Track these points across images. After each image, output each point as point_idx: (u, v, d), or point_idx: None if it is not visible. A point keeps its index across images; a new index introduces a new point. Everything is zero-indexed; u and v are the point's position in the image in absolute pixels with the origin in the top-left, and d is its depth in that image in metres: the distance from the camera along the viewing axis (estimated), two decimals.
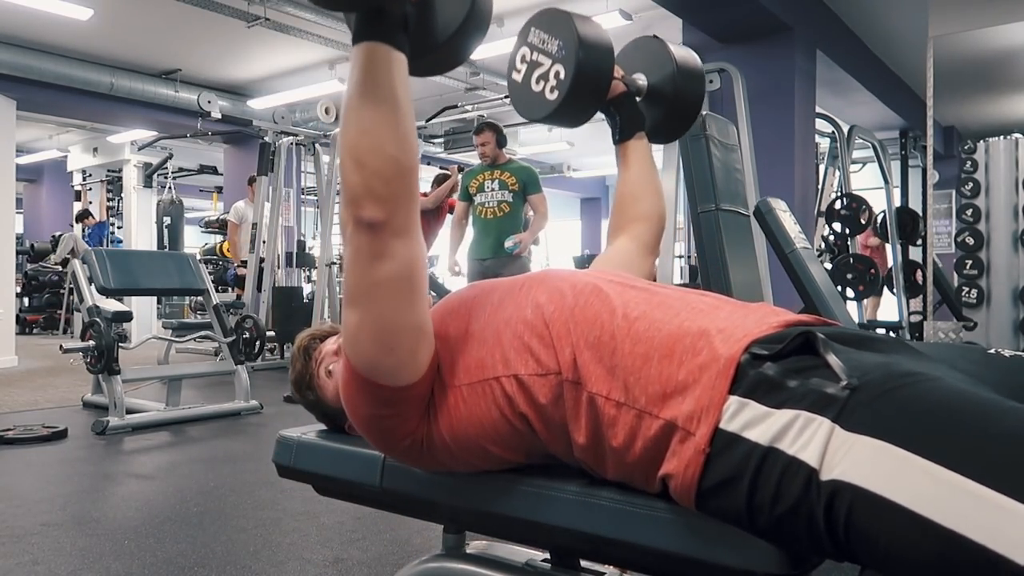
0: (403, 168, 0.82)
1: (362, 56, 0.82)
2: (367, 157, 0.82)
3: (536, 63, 1.25)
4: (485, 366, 0.88)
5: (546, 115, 1.23)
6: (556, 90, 1.21)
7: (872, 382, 0.67)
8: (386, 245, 0.83)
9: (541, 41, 1.25)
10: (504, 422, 0.87)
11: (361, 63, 0.82)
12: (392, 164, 0.82)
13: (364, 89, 0.82)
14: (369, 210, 0.81)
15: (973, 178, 4.86)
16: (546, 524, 0.89)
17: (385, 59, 0.82)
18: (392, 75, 0.82)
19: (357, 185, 0.82)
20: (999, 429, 0.62)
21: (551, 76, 1.22)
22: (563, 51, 1.21)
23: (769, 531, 0.71)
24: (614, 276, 0.94)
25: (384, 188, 0.82)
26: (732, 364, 0.74)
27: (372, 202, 0.81)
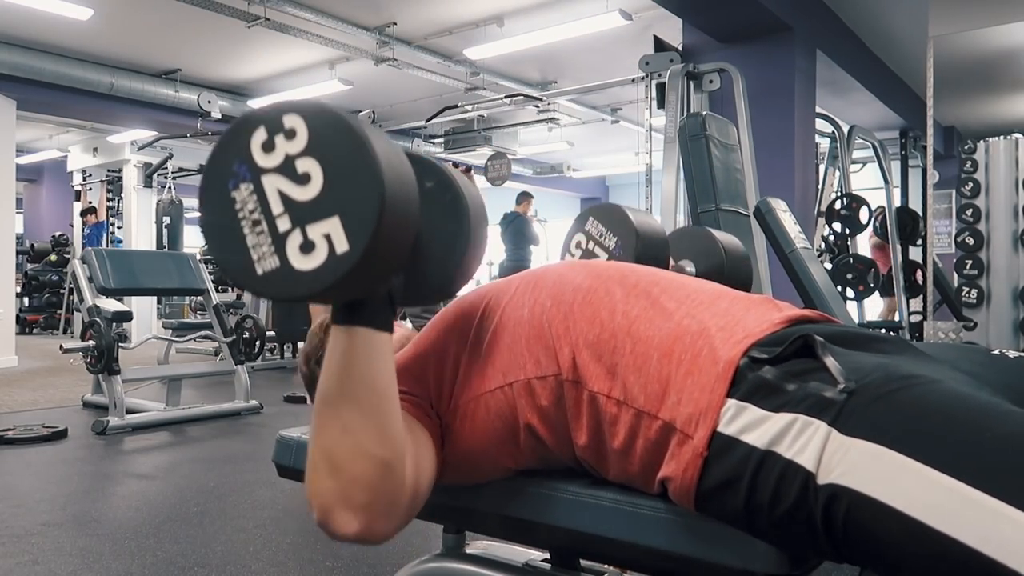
0: (388, 466, 0.73)
1: (340, 342, 0.73)
2: (344, 461, 0.72)
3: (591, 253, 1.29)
4: (486, 377, 0.87)
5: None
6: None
7: (870, 385, 0.67)
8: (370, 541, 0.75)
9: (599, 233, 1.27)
10: (508, 433, 0.86)
11: (339, 350, 0.73)
12: (376, 467, 0.72)
13: (343, 382, 0.73)
14: (343, 524, 0.72)
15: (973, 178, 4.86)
16: (546, 524, 0.88)
17: (365, 345, 0.73)
18: (373, 362, 0.73)
19: (329, 492, 0.72)
20: (995, 433, 0.61)
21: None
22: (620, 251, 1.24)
23: (768, 533, 0.71)
24: (612, 268, 0.92)
25: (364, 495, 0.72)
26: (731, 367, 0.74)
27: (348, 513, 0.72)
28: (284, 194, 0.66)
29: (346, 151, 0.65)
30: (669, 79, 4.35)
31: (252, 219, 0.67)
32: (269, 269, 0.66)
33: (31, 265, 10.51)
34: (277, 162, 0.66)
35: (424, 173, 0.80)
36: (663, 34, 5.03)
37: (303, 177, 0.66)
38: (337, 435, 0.72)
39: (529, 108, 8.47)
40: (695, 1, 4.48)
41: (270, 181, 0.66)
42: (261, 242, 0.66)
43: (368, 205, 0.63)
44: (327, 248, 0.64)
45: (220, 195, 0.68)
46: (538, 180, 12.62)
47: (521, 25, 6.16)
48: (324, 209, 0.65)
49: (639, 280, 0.88)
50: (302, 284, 0.65)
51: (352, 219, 0.64)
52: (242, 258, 0.67)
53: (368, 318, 0.74)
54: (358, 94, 7.83)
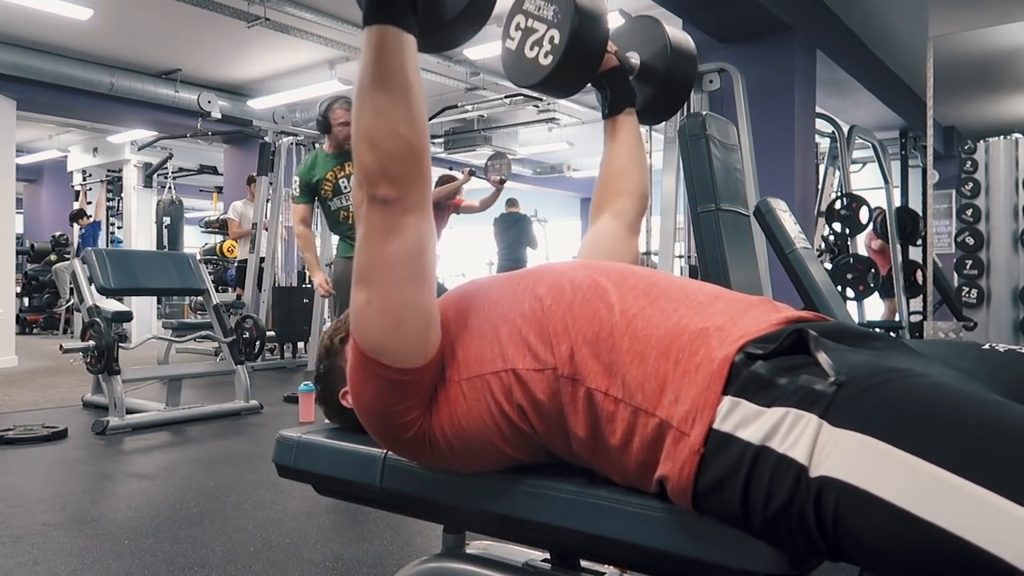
0: (416, 149, 0.86)
1: (373, 39, 0.84)
2: (381, 138, 0.84)
3: (531, 29, 1.25)
4: (484, 361, 0.88)
5: (538, 81, 1.23)
6: (550, 55, 1.21)
7: (858, 377, 0.68)
8: (399, 220, 0.86)
9: (536, 7, 1.24)
10: (503, 418, 0.87)
11: (373, 46, 0.84)
12: (405, 145, 0.85)
13: (376, 72, 0.84)
14: (384, 188, 0.85)
15: (973, 178, 4.86)
16: (546, 524, 0.89)
17: (396, 41, 0.84)
18: (403, 58, 0.85)
19: (371, 164, 0.85)
20: (977, 421, 0.62)
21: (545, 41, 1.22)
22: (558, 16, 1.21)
23: (764, 531, 0.71)
24: (612, 269, 0.93)
25: (398, 168, 0.85)
26: (726, 365, 0.74)
27: (386, 181, 0.85)
28: None
29: None
30: None
31: None
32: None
33: (31, 265, 10.51)
34: None
35: None
36: None
37: None
38: (373, 117, 0.85)
39: (529, 108, 8.47)
40: (695, 1, 4.49)
41: None
42: None
43: None
44: None
45: None
46: (538, 180, 12.63)
47: None
48: None
49: (638, 280, 0.89)
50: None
51: None
52: None
53: (396, 17, 0.84)
54: None
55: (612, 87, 1.32)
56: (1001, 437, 0.60)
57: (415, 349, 0.88)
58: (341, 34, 6.21)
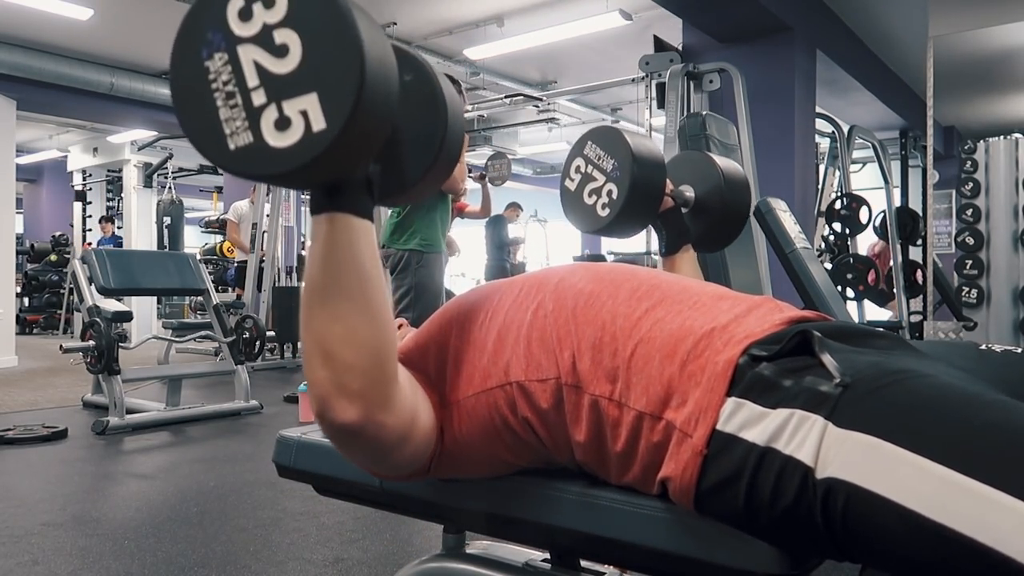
0: (379, 352, 0.73)
1: (322, 230, 0.72)
2: (337, 348, 0.72)
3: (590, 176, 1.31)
4: (488, 375, 0.87)
5: (596, 230, 1.31)
6: (608, 208, 1.28)
7: (864, 379, 0.68)
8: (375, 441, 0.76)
9: (597, 156, 1.30)
10: (508, 431, 0.86)
11: (322, 238, 0.72)
12: (368, 353, 0.72)
13: (328, 269, 0.72)
14: (341, 411, 0.72)
15: (973, 178, 4.86)
16: (546, 524, 0.88)
17: (347, 231, 0.71)
18: (358, 248, 0.72)
19: (325, 381, 0.72)
20: (983, 420, 0.62)
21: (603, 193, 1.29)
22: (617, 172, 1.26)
23: (768, 531, 0.71)
24: (614, 271, 0.92)
25: (357, 382, 0.72)
26: (730, 366, 0.74)
27: (344, 400, 0.72)
28: (260, 66, 0.62)
29: (327, 24, 0.61)
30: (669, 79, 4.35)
31: (226, 91, 0.63)
32: (242, 144, 0.63)
33: (31, 265, 10.51)
34: (254, 31, 0.62)
35: (404, 66, 0.77)
36: (663, 34, 5.03)
37: (281, 49, 0.62)
38: (327, 323, 0.72)
39: (529, 108, 8.47)
40: (695, 1, 4.48)
41: (246, 52, 0.63)
42: (235, 116, 0.63)
43: (347, 83, 0.60)
44: (303, 125, 0.61)
45: (192, 64, 0.64)
46: (538, 180, 12.62)
47: (521, 25, 6.16)
48: (302, 84, 0.61)
49: (641, 283, 0.88)
50: (276, 162, 0.62)
51: (330, 97, 0.61)
52: (214, 132, 0.63)
53: (348, 204, 0.72)
54: None
55: (668, 228, 1.37)
56: (1009, 437, 0.60)
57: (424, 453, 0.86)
58: None
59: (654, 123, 4.78)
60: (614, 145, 1.27)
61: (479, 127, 9.32)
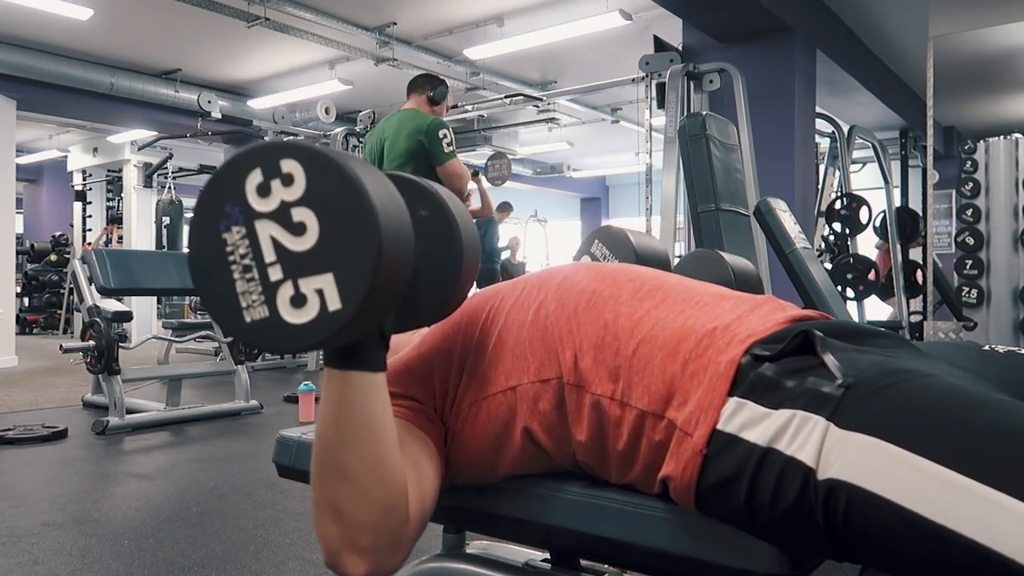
0: (391, 507, 0.73)
1: (335, 386, 0.71)
2: (348, 508, 0.72)
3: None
4: (489, 381, 0.87)
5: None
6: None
7: (866, 379, 0.67)
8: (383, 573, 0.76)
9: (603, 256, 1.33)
10: (508, 437, 0.86)
11: (335, 395, 0.71)
12: (380, 511, 0.72)
13: (341, 427, 0.71)
14: (352, 566, 0.73)
15: (973, 178, 4.86)
16: (546, 524, 0.88)
17: (361, 388, 0.71)
18: (371, 404, 0.72)
19: (335, 537, 0.72)
20: (986, 422, 0.62)
21: None
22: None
23: (769, 532, 0.71)
24: (616, 270, 0.92)
25: (368, 539, 0.72)
26: (732, 366, 0.74)
27: (355, 556, 0.72)
28: (277, 242, 0.63)
29: (344, 205, 0.62)
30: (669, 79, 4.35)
31: (243, 264, 0.64)
32: (258, 318, 0.63)
33: (31, 265, 10.51)
34: (272, 208, 0.63)
35: (418, 200, 0.78)
36: (663, 34, 5.03)
37: (298, 227, 0.63)
38: (339, 481, 0.72)
39: (529, 108, 8.47)
40: (695, 1, 4.48)
41: (264, 227, 0.64)
42: (251, 289, 0.64)
43: (363, 266, 0.61)
44: (319, 304, 0.62)
45: (211, 235, 0.65)
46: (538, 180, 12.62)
47: (521, 25, 6.16)
48: (318, 264, 0.62)
49: (643, 282, 0.88)
50: (292, 338, 0.63)
51: (346, 278, 0.61)
52: (231, 303, 0.64)
53: (361, 362, 0.72)
54: (358, 94, 7.83)
55: None
56: (1010, 438, 0.60)
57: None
58: (341, 34, 6.21)
59: (654, 123, 4.78)
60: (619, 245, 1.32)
61: (479, 127, 9.32)
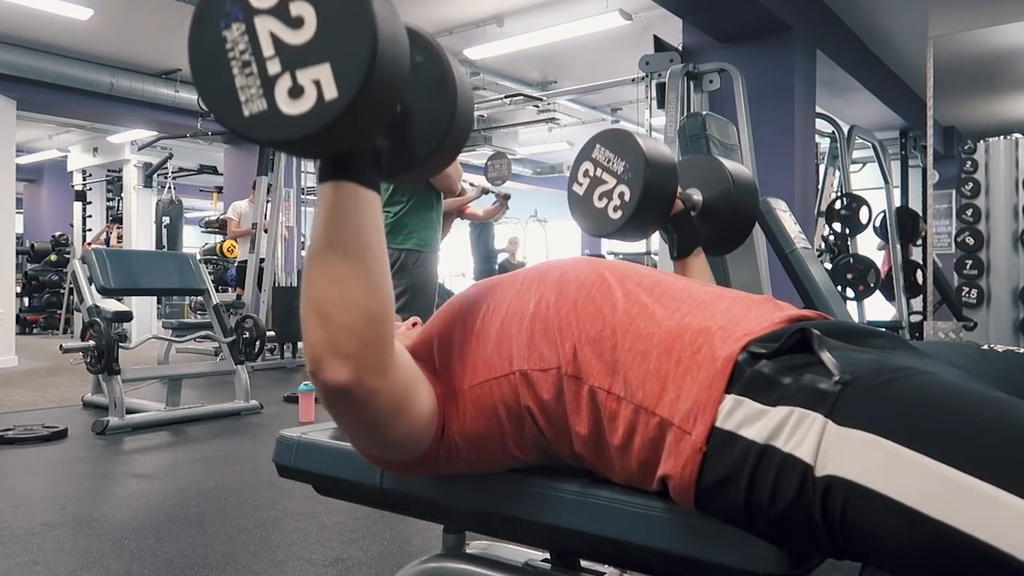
0: (375, 317, 0.74)
1: (328, 197, 0.74)
2: (333, 310, 0.73)
3: (599, 179, 1.29)
4: (491, 365, 0.88)
5: (608, 233, 1.29)
6: (620, 210, 1.26)
7: (864, 376, 0.68)
8: (367, 407, 0.77)
9: (607, 159, 1.28)
10: (510, 420, 0.87)
11: (327, 205, 0.73)
12: (362, 316, 0.73)
13: (330, 234, 0.74)
14: (333, 371, 0.73)
15: (973, 178, 4.86)
16: (546, 524, 0.89)
17: (352, 200, 0.74)
18: (363, 218, 0.74)
19: (320, 342, 0.73)
20: (985, 418, 0.62)
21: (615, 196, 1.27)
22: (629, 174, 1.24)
23: (768, 530, 0.71)
24: (616, 266, 0.93)
25: (352, 344, 0.73)
26: (729, 363, 0.74)
27: (337, 361, 0.73)
28: (276, 37, 0.65)
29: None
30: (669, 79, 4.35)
31: (242, 60, 0.66)
32: (256, 111, 0.66)
33: (31, 265, 10.51)
34: (271, 3, 0.65)
35: (416, 47, 0.80)
36: (663, 34, 5.03)
37: (296, 20, 0.65)
38: (325, 285, 0.74)
39: (529, 108, 8.47)
40: (695, 1, 4.48)
41: (263, 22, 0.66)
42: (250, 84, 0.66)
43: (359, 55, 0.63)
44: (316, 94, 0.64)
45: (211, 34, 0.67)
46: (538, 180, 12.62)
47: (521, 25, 6.16)
48: (315, 55, 0.64)
49: (642, 278, 0.89)
50: (288, 128, 0.65)
51: (342, 67, 0.63)
52: (230, 99, 0.66)
53: (355, 174, 0.74)
54: None
55: (680, 231, 1.36)
56: (1010, 434, 0.60)
57: (421, 445, 0.87)
58: None
59: (654, 123, 4.78)
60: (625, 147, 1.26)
61: (479, 127, 9.32)
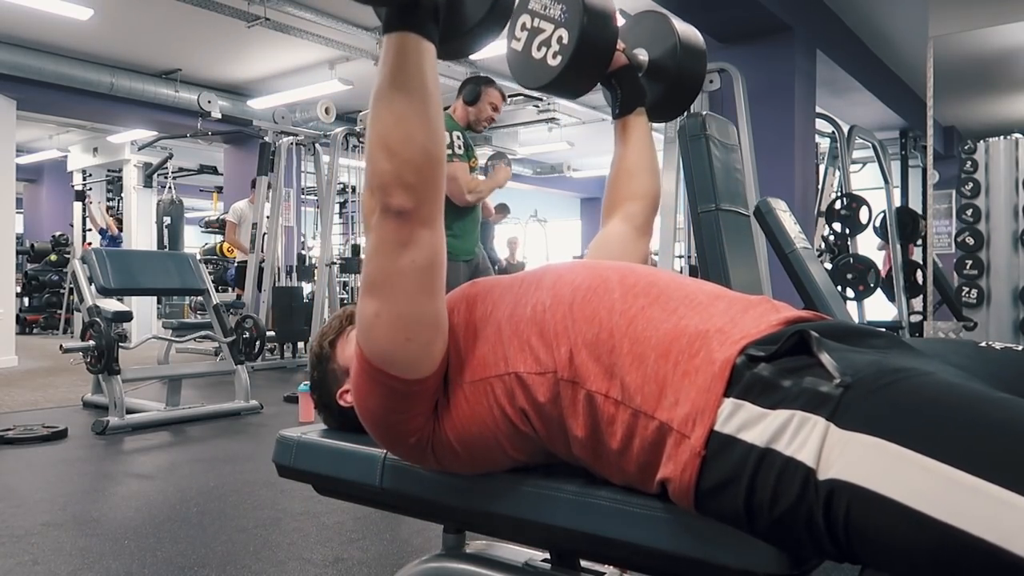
0: (433, 158, 0.84)
1: (393, 46, 0.82)
2: (398, 146, 0.83)
3: (537, 29, 1.22)
4: (487, 363, 0.88)
5: (547, 82, 1.20)
6: (559, 55, 1.18)
7: (865, 379, 0.67)
8: (413, 233, 0.84)
9: (543, 6, 1.21)
10: (505, 420, 0.87)
11: (393, 53, 0.83)
12: (423, 153, 0.83)
13: (395, 79, 0.83)
14: (399, 198, 0.82)
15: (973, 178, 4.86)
16: (546, 524, 0.89)
17: (416, 49, 0.83)
18: (423, 65, 0.83)
19: (387, 173, 0.83)
20: (990, 420, 0.62)
21: (553, 41, 1.19)
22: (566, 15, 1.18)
23: (768, 532, 0.71)
24: (613, 269, 0.93)
25: (414, 177, 0.83)
26: (727, 367, 0.74)
27: (402, 190, 0.82)
28: None
29: None
30: None
31: None
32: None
33: (31, 265, 10.51)
34: None
35: None
36: None
37: None
38: (392, 123, 0.83)
39: (529, 108, 8.47)
40: (695, 1, 4.49)
41: None
42: None
43: None
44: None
45: None
46: (538, 180, 12.62)
47: None
48: None
49: (638, 280, 0.89)
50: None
51: None
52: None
53: (417, 24, 0.82)
54: (358, 94, 7.82)
55: (622, 86, 1.30)
56: (1014, 435, 0.60)
57: (423, 360, 0.87)
58: (341, 34, 6.21)
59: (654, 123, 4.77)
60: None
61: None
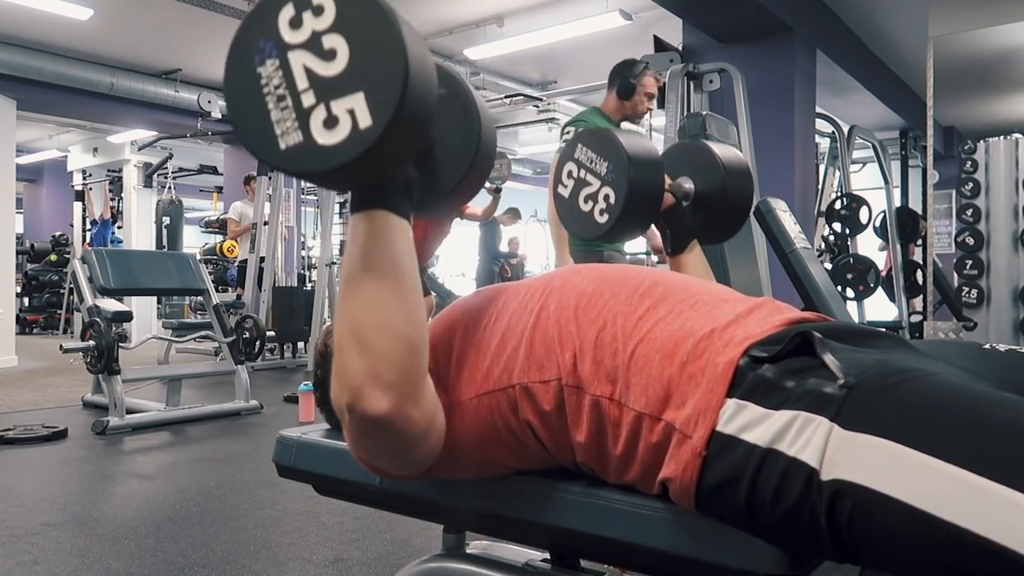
0: (414, 346, 0.75)
1: (362, 226, 0.75)
2: (373, 337, 0.73)
3: (584, 181, 1.25)
4: (491, 377, 0.87)
5: (596, 237, 1.25)
6: (606, 213, 1.22)
7: (869, 380, 0.67)
8: (402, 435, 0.77)
9: (589, 160, 1.24)
10: (509, 432, 0.86)
11: (362, 233, 0.75)
12: (403, 344, 0.74)
13: (367, 261, 0.75)
14: (374, 402, 0.73)
15: (973, 178, 4.86)
16: (546, 524, 0.88)
17: (386, 228, 0.75)
18: (396, 243, 0.76)
19: (359, 372, 0.73)
20: (996, 420, 0.62)
21: (600, 198, 1.23)
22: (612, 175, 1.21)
23: (770, 532, 0.71)
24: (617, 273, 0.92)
25: (392, 373, 0.73)
26: (731, 367, 0.74)
27: (379, 391, 0.73)
28: (310, 70, 0.67)
29: (373, 28, 0.66)
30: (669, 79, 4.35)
31: (277, 94, 0.68)
32: (292, 144, 0.67)
33: (31, 265, 10.51)
34: (304, 38, 0.67)
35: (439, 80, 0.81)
36: (663, 34, 5.03)
37: (329, 53, 0.66)
38: (365, 312, 0.74)
39: (529, 108, 8.47)
40: (695, 1, 4.49)
41: (296, 57, 0.67)
42: (285, 117, 0.67)
43: (392, 81, 0.65)
44: (350, 123, 0.65)
45: (245, 71, 0.69)
46: (538, 180, 12.62)
47: (521, 25, 6.16)
48: (349, 85, 0.66)
49: (642, 281, 0.88)
50: (324, 158, 0.66)
51: (376, 94, 0.65)
52: (266, 133, 0.68)
53: (387, 201, 0.75)
54: None
55: (672, 227, 1.32)
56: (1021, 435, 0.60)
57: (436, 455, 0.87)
58: None
59: (654, 123, 4.78)
60: (606, 147, 1.22)
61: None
